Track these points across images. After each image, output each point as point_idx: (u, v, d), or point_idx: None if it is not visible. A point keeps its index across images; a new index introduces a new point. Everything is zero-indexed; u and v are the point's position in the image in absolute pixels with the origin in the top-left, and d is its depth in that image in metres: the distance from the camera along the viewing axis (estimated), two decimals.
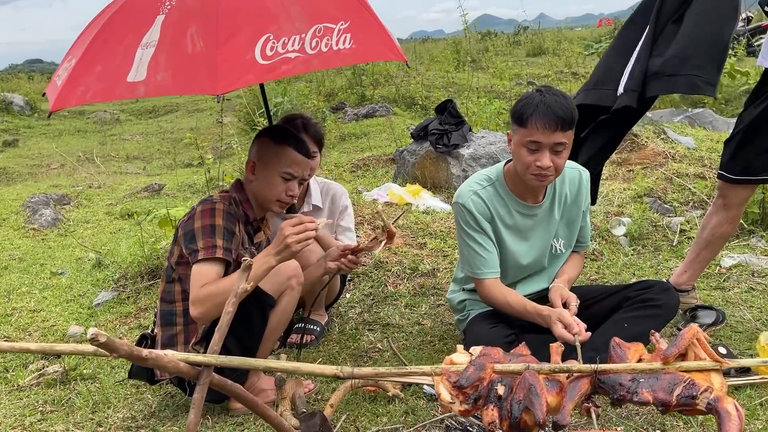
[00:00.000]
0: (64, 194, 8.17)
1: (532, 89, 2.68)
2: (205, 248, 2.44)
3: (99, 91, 2.52)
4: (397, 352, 2.73)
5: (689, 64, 2.89)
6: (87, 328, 3.92)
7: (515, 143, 2.69)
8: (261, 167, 2.65)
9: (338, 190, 3.46)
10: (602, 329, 2.83)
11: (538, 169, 2.62)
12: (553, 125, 2.55)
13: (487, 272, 2.86)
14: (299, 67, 2.40)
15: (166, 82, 2.34)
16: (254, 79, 2.39)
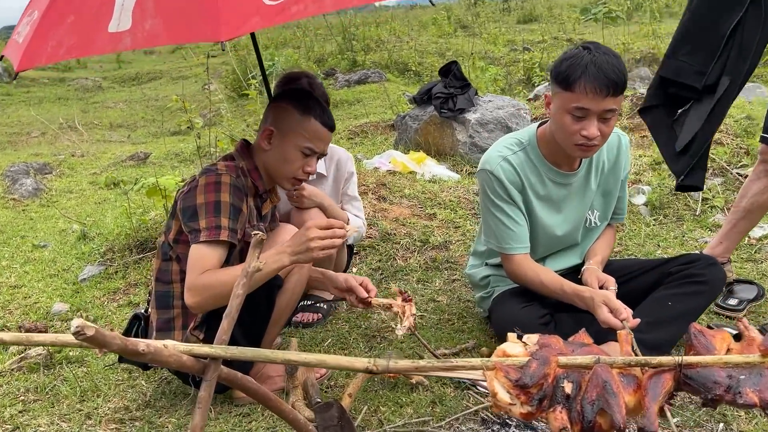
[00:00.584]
0: (45, 163, 7.80)
1: (578, 46, 2.36)
2: (209, 228, 2.13)
3: (75, 45, 2.15)
4: (417, 335, 2.46)
5: (683, 49, 2.73)
6: (72, 306, 3.63)
7: (557, 108, 2.37)
8: (279, 138, 2.33)
9: (343, 155, 3.15)
10: (643, 307, 2.57)
11: (584, 139, 2.33)
12: (605, 90, 2.24)
13: (516, 247, 2.59)
14: (311, 7, 2.05)
15: (156, 31, 1.99)
16: (261, 22, 2.04)
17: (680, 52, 2.77)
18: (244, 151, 2.39)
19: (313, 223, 2.14)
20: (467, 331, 2.90)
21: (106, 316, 3.50)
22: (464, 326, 2.96)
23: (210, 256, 2.12)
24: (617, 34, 11.39)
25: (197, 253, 2.13)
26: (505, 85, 10.14)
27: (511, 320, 2.49)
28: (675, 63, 2.76)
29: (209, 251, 2.13)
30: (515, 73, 10.74)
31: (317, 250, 2.11)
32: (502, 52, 12.04)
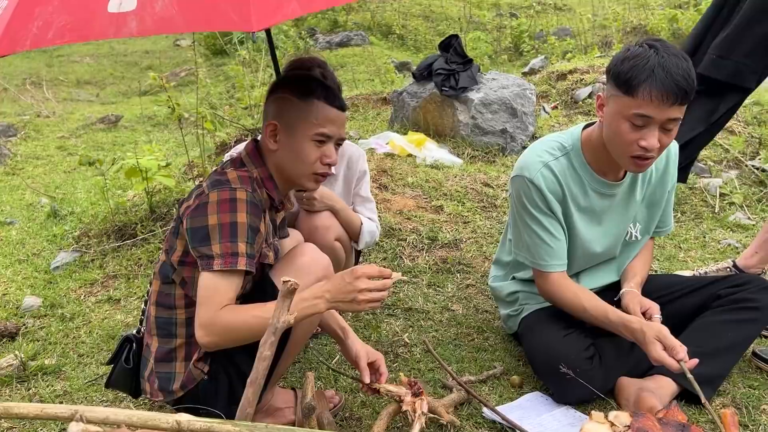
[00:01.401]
0: (9, 124, 7.33)
1: (643, 44, 2.06)
2: (224, 256, 1.81)
3: (67, 26, 1.74)
4: (437, 357, 2.21)
5: (739, 49, 2.60)
6: (45, 300, 3.30)
7: (614, 113, 2.09)
8: (285, 132, 1.99)
9: (355, 152, 2.82)
10: (690, 335, 2.34)
11: (642, 150, 2.05)
12: (672, 97, 1.97)
13: (553, 264, 2.33)
14: None
15: (169, 15, 1.61)
16: (298, 8, 1.70)
17: (736, 52, 2.56)
18: (255, 155, 2.04)
19: (362, 272, 1.83)
20: (490, 350, 2.65)
21: (83, 314, 3.18)
22: (486, 343, 2.70)
23: (226, 289, 1.82)
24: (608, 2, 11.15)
25: (210, 284, 1.81)
26: (493, 52, 9.83)
27: (551, 352, 2.25)
28: (732, 64, 2.56)
29: (225, 282, 1.81)
30: (503, 40, 10.42)
31: (365, 304, 1.82)
32: (488, 17, 11.67)
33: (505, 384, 2.41)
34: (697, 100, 2.67)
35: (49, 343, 2.93)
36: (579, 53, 8.37)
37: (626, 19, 9.79)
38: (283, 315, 1.38)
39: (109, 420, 1.27)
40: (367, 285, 1.83)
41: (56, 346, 2.89)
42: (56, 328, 3.05)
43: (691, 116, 2.69)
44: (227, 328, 1.81)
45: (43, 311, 3.23)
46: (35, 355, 2.81)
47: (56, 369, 2.71)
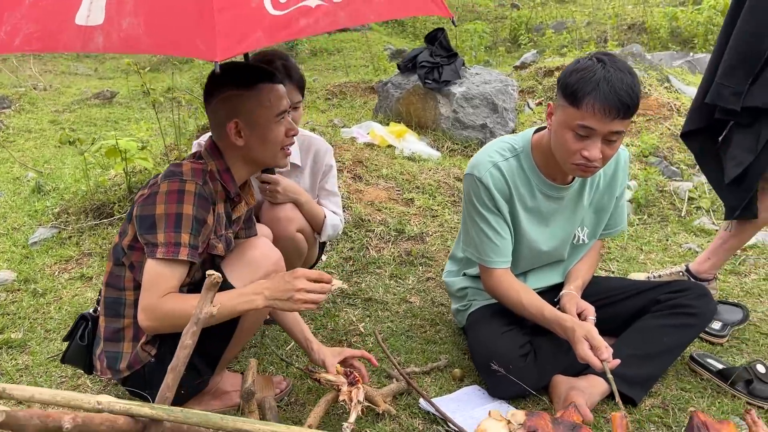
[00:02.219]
0: (4, 96, 7.40)
1: (592, 57, 2.12)
2: (167, 244, 1.90)
3: (34, 34, 1.77)
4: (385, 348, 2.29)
5: (721, 70, 2.58)
6: (19, 275, 3.40)
7: (560, 122, 2.15)
8: (248, 125, 2.05)
9: (322, 146, 2.89)
10: (627, 338, 2.44)
11: (584, 160, 2.12)
12: (614, 112, 2.03)
13: (497, 261, 2.41)
14: (322, 22, 1.76)
15: (135, 34, 1.65)
16: (264, 38, 1.72)
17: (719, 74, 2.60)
18: (213, 150, 2.11)
19: (303, 273, 1.94)
20: (440, 343, 2.74)
21: (55, 290, 3.28)
22: (437, 336, 2.79)
23: (169, 276, 1.91)
24: None
25: (154, 271, 1.90)
26: (491, 42, 9.85)
27: (488, 347, 2.34)
28: (715, 86, 2.60)
29: (168, 271, 1.90)
30: (501, 31, 10.43)
31: (300, 303, 1.92)
32: (490, 6, 11.67)
33: (447, 376, 2.50)
34: (737, 133, 2.67)
35: (18, 317, 3.02)
36: (574, 48, 8.40)
37: (622, 16, 9.79)
38: (205, 307, 1.46)
39: (35, 399, 1.35)
40: (305, 286, 1.93)
41: (25, 321, 2.99)
42: (27, 303, 3.14)
43: (736, 150, 2.67)
44: (167, 314, 1.90)
45: (17, 285, 3.33)
46: (3, 329, 2.91)
47: (22, 343, 2.81)
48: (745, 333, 2.85)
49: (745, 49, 2.56)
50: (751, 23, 2.54)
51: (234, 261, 2.11)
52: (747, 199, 2.69)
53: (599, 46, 8.26)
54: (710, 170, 2.82)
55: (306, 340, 2.33)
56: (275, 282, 1.94)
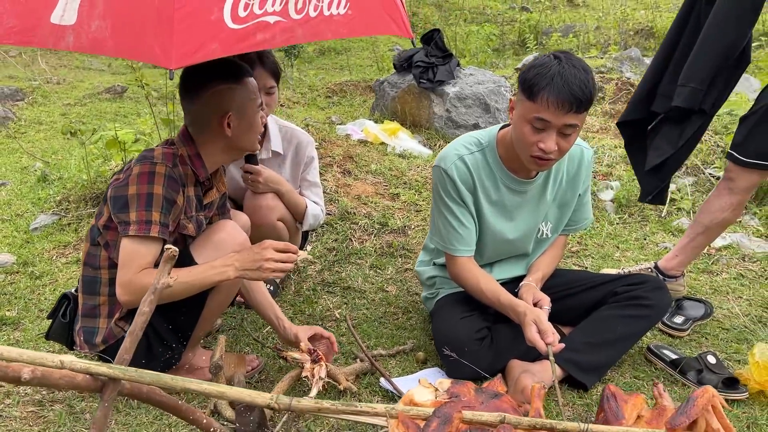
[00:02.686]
0: (18, 89, 7.60)
1: (549, 55, 2.25)
2: (138, 222, 2.05)
3: (14, 28, 1.94)
4: (353, 330, 2.42)
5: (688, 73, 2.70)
6: (18, 258, 3.56)
7: (519, 116, 2.28)
8: (237, 116, 2.22)
9: (303, 139, 3.04)
10: (584, 326, 2.55)
11: (540, 152, 2.25)
12: (567, 105, 2.15)
13: (460, 249, 2.53)
14: (279, 37, 1.88)
15: (101, 36, 1.80)
16: (220, 50, 1.83)
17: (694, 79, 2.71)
18: (185, 136, 2.27)
19: (270, 244, 2.11)
20: (409, 329, 2.87)
21: (52, 273, 3.43)
22: (408, 323, 2.92)
23: (144, 253, 2.06)
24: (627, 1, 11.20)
25: (130, 248, 2.05)
26: (499, 44, 9.95)
27: (447, 332, 2.46)
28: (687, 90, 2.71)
29: (143, 248, 2.06)
30: (510, 34, 10.53)
31: (269, 272, 2.09)
32: (501, 9, 11.77)
33: (412, 359, 2.63)
34: (665, 126, 2.87)
35: (14, 297, 3.18)
36: (581, 52, 8.49)
37: (628, 21, 9.85)
38: (162, 277, 1.60)
39: (3, 356, 1.50)
40: (273, 256, 2.09)
41: (20, 300, 3.14)
42: (24, 284, 3.30)
43: (660, 141, 2.88)
44: (143, 288, 2.02)
45: (16, 268, 3.49)
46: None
47: (16, 321, 2.96)
48: (706, 328, 2.95)
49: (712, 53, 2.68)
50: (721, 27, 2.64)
51: (201, 242, 2.25)
52: (660, 188, 2.92)
53: (604, 49, 8.34)
54: (635, 156, 3.01)
55: (277, 318, 2.47)
56: (244, 254, 2.11)
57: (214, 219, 2.45)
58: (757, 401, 2.42)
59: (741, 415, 2.35)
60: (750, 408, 2.39)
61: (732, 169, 2.88)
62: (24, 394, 2.36)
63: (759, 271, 3.50)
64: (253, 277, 2.13)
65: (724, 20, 2.65)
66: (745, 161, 2.80)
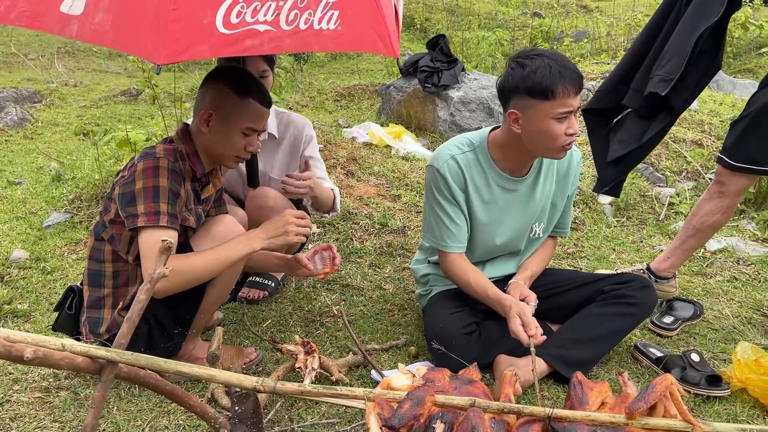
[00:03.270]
0: (35, 91, 7.78)
1: (527, 57, 2.34)
2: (147, 214, 2.15)
3: (25, 12, 2.10)
4: (348, 325, 2.51)
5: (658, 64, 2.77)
6: (32, 254, 3.69)
7: (538, 119, 2.35)
8: (218, 121, 2.33)
9: (299, 121, 3.14)
10: (571, 323, 2.64)
11: (569, 138, 2.37)
12: (578, 87, 2.32)
13: (452, 245, 2.63)
14: (267, 44, 1.96)
15: (103, 28, 1.93)
16: (208, 51, 1.94)
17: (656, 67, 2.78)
18: (184, 134, 2.40)
19: (289, 212, 2.30)
20: (404, 325, 2.96)
21: (63, 268, 3.55)
22: (403, 319, 3.01)
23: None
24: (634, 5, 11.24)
25: (152, 240, 2.14)
26: (511, 50, 10.03)
27: (436, 326, 2.55)
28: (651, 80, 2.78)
29: (161, 235, 2.13)
30: (521, 39, 10.60)
31: (293, 235, 2.28)
32: (513, 14, 11.85)
33: (404, 353, 2.72)
34: (631, 120, 2.95)
35: (26, 291, 3.30)
36: (591, 57, 8.55)
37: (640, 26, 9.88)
38: (159, 267, 1.70)
39: (9, 338, 1.60)
40: (294, 220, 2.29)
41: (32, 294, 3.26)
42: (36, 279, 3.42)
43: (624, 134, 2.96)
44: (176, 272, 2.13)
45: (28, 264, 3.61)
46: (11, 300, 3.18)
47: (26, 313, 3.08)
48: (696, 328, 3.02)
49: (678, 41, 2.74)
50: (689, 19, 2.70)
51: (202, 235, 2.37)
52: (618, 180, 3.03)
53: (614, 54, 8.39)
54: (597, 145, 3.07)
55: (279, 258, 2.66)
56: (266, 226, 2.29)
57: (211, 213, 2.56)
58: (739, 398, 2.49)
59: (722, 412, 2.42)
60: (732, 405, 2.46)
61: (722, 172, 2.95)
62: (32, 381, 2.48)
63: (752, 274, 3.56)
64: (279, 243, 2.29)
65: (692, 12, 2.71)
66: (735, 165, 2.88)
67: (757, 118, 2.81)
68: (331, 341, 2.83)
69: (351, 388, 1.61)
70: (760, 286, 3.42)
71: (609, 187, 3.04)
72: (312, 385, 1.61)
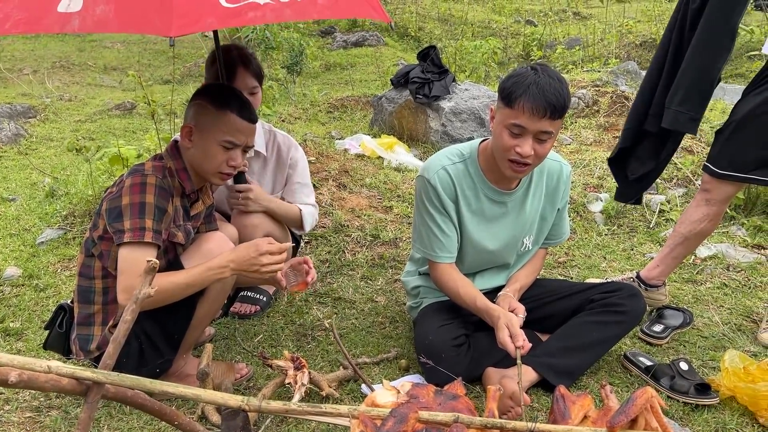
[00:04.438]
0: (30, 106, 7.80)
1: (527, 66, 2.39)
2: (132, 230, 2.18)
3: (22, 20, 2.12)
4: (338, 339, 2.52)
5: (676, 98, 2.83)
6: (24, 272, 3.70)
7: (497, 122, 2.41)
8: (198, 134, 2.36)
9: (284, 141, 3.14)
10: (560, 333, 2.65)
11: (517, 156, 2.37)
12: (542, 111, 2.29)
13: (441, 255, 2.65)
14: (269, 15, 2.07)
15: (106, 17, 1.98)
16: (216, 22, 2.06)
17: (674, 101, 2.85)
18: (173, 150, 2.42)
19: (263, 242, 2.25)
20: (395, 338, 2.97)
21: (56, 285, 3.56)
22: (394, 332, 3.03)
23: (141, 258, 2.17)
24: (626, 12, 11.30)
25: (130, 256, 2.17)
26: (504, 58, 10.07)
27: (426, 339, 2.56)
28: (671, 113, 2.86)
29: (140, 253, 2.17)
30: (515, 47, 10.65)
31: (267, 274, 2.26)
32: (506, 23, 11.90)
33: (395, 367, 2.73)
34: (650, 140, 3.06)
35: (19, 309, 3.31)
36: (582, 65, 8.58)
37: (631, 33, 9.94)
38: (144, 288, 1.72)
39: None
40: (270, 260, 2.24)
41: (24, 312, 3.27)
42: (29, 296, 3.43)
43: (644, 154, 3.09)
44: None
45: (21, 281, 3.62)
46: (3, 318, 3.19)
47: (19, 332, 3.08)
48: (686, 336, 3.03)
49: (698, 78, 2.81)
50: (703, 55, 2.78)
51: (192, 252, 2.38)
52: (639, 195, 3.25)
53: (606, 61, 8.42)
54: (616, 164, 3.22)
55: None
56: (240, 255, 2.25)
57: (201, 229, 2.58)
58: (727, 407, 2.50)
59: (711, 420, 2.44)
60: (720, 413, 2.47)
61: (708, 180, 2.97)
62: (23, 400, 2.49)
63: (742, 280, 3.58)
64: (249, 279, 2.29)
65: (704, 48, 2.77)
66: (720, 173, 2.90)
67: (741, 126, 2.83)
68: (323, 355, 2.84)
69: (336, 406, 1.62)
70: (749, 292, 3.44)
71: (634, 200, 3.25)
72: (297, 404, 1.62)
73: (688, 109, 2.81)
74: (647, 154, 3.09)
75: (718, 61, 2.76)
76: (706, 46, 2.77)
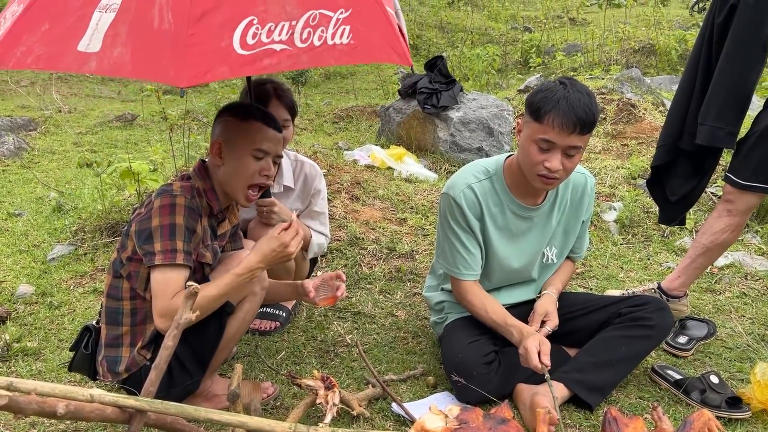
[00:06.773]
0: (30, 119, 7.75)
1: (555, 80, 2.38)
2: (164, 252, 2.15)
3: (43, 56, 2.11)
4: (364, 357, 2.49)
5: (711, 114, 2.81)
6: (37, 289, 3.66)
7: (525, 136, 2.40)
8: (228, 148, 2.33)
9: (311, 171, 3.15)
10: (589, 347, 2.63)
11: (546, 170, 2.36)
12: (571, 127, 2.28)
13: (466, 273, 2.63)
14: (285, 62, 2.01)
15: (122, 61, 1.95)
16: (228, 72, 1.98)
17: (709, 116, 2.83)
18: (201, 170, 2.39)
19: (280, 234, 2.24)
20: (419, 354, 2.94)
21: (70, 303, 3.53)
22: (417, 347, 3.00)
23: (174, 279, 2.15)
24: (623, 17, 11.32)
25: (162, 278, 2.15)
26: (502, 65, 10.07)
27: (455, 356, 2.54)
28: (706, 129, 2.83)
29: (173, 275, 2.15)
30: (513, 54, 10.66)
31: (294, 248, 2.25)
32: (503, 29, 11.92)
33: (422, 384, 2.70)
34: (687, 158, 3.03)
35: (35, 327, 3.27)
36: (584, 71, 8.58)
37: (633, 39, 9.95)
38: (185, 313, 1.69)
39: (37, 391, 1.58)
40: (289, 238, 2.24)
41: (40, 331, 3.23)
42: (44, 314, 3.39)
43: (683, 172, 3.06)
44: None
45: (35, 299, 3.58)
46: (20, 338, 3.15)
47: (37, 351, 3.05)
48: (710, 347, 3.02)
49: (733, 91, 2.80)
50: (734, 68, 2.76)
51: (220, 272, 2.36)
52: (683, 213, 3.20)
53: (606, 68, 8.44)
54: (654, 187, 3.19)
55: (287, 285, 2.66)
56: (264, 252, 2.24)
57: (227, 248, 2.55)
58: (760, 420, 2.48)
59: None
60: (753, 427, 2.45)
61: (730, 191, 2.96)
62: (49, 424, 2.45)
63: (761, 289, 3.57)
64: (281, 261, 2.30)
65: (735, 61, 2.76)
66: (743, 184, 2.89)
67: (764, 137, 2.82)
68: (347, 372, 2.81)
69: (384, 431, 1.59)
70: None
71: (678, 220, 3.21)
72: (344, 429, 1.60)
73: (726, 123, 2.80)
74: (687, 172, 3.07)
75: (751, 74, 2.74)
76: (736, 59, 2.75)
